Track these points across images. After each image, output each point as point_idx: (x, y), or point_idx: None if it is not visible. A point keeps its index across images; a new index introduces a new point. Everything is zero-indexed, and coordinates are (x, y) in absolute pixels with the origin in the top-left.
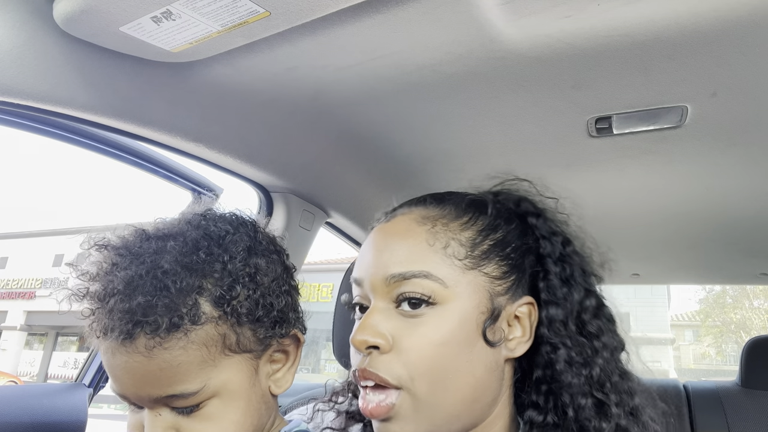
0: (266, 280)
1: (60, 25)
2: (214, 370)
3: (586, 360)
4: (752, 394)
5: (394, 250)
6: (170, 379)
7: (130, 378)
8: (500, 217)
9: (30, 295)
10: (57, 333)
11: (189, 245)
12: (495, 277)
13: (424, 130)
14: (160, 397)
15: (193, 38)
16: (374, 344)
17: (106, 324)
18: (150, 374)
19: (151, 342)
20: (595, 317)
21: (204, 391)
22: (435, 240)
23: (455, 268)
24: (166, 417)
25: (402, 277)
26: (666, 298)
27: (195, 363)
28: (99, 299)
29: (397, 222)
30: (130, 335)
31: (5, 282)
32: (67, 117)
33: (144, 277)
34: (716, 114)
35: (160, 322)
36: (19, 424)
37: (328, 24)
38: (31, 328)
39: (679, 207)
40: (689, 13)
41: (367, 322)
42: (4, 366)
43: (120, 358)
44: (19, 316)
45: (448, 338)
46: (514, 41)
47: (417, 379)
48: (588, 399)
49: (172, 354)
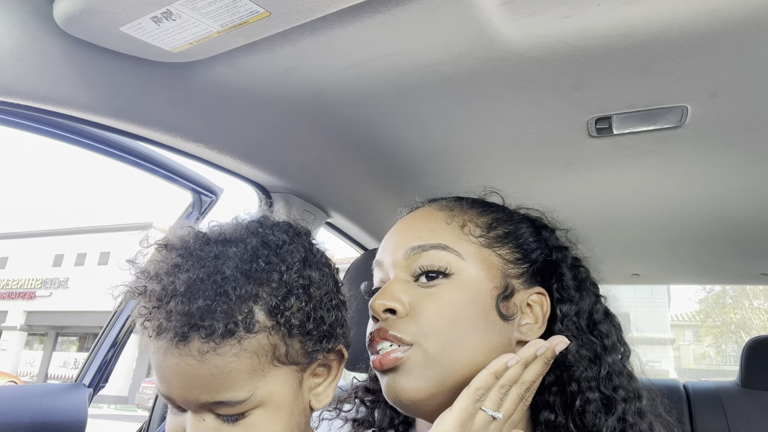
0: (319, 293)
1: (60, 25)
2: (262, 380)
3: (595, 356)
4: (752, 394)
5: (415, 229)
6: (220, 385)
7: (179, 381)
8: (514, 215)
9: (30, 295)
10: (57, 333)
11: (249, 252)
12: (508, 260)
13: (424, 130)
14: (207, 403)
15: (193, 38)
16: (391, 307)
17: (162, 324)
18: (200, 379)
19: (204, 346)
20: (604, 321)
21: (251, 400)
22: (452, 220)
23: (470, 244)
24: (210, 423)
25: (421, 249)
26: (666, 299)
27: (245, 371)
28: (158, 299)
29: (418, 211)
30: (184, 337)
31: (5, 282)
32: (68, 117)
33: (205, 281)
34: (716, 114)
35: (216, 327)
36: (19, 424)
37: (328, 24)
38: (31, 328)
39: (679, 207)
40: (689, 14)
41: (386, 289)
42: (4, 366)
43: (171, 360)
44: (19, 316)
45: (464, 305)
46: (514, 41)
47: (431, 336)
48: (595, 393)
49: (224, 360)
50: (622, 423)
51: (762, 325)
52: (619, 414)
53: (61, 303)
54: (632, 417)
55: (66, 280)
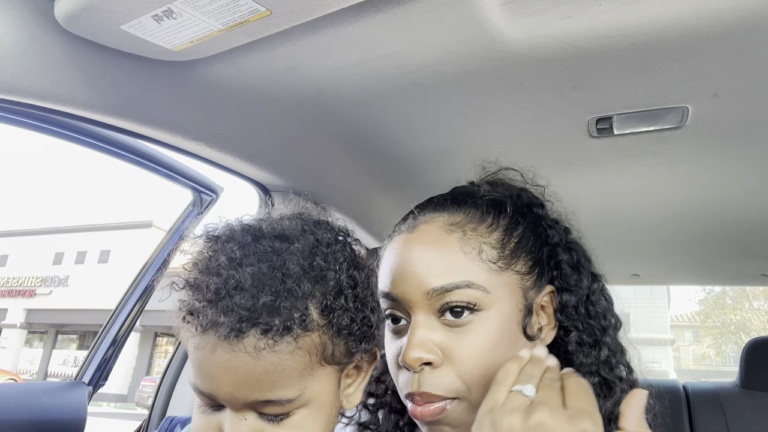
0: (364, 294)
1: (61, 23)
2: (310, 379)
3: (595, 341)
4: (752, 395)
5: (430, 263)
6: (273, 383)
7: (229, 377)
8: (518, 213)
9: (30, 293)
10: (57, 331)
11: (308, 249)
12: (524, 273)
13: (425, 129)
14: (257, 401)
15: (194, 37)
16: (428, 361)
17: (214, 318)
18: (253, 376)
19: (261, 343)
20: (601, 298)
21: (299, 399)
22: (469, 247)
23: (492, 272)
24: (252, 422)
25: (444, 290)
26: (666, 299)
27: (298, 369)
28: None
29: (423, 231)
30: (240, 333)
31: (5, 280)
32: (68, 115)
33: (269, 276)
34: (717, 115)
35: (274, 323)
36: (19, 421)
37: (329, 23)
38: (31, 326)
39: (679, 208)
40: (691, 14)
41: (416, 338)
42: (4, 364)
43: (222, 356)
44: (19, 313)
45: (497, 341)
46: (515, 41)
47: (473, 387)
48: (595, 377)
49: (279, 358)
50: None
51: (762, 326)
52: (617, 397)
53: (61, 301)
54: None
55: (66, 278)
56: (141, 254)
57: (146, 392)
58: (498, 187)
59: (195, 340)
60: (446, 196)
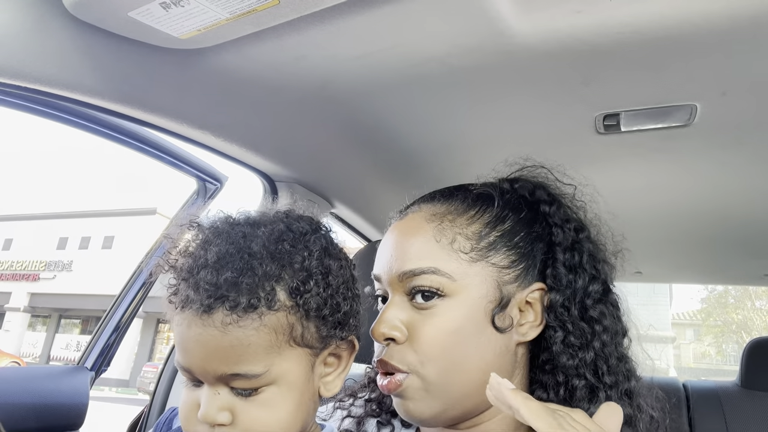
0: (336, 282)
1: (68, 9)
2: (278, 358)
3: (582, 344)
4: (752, 395)
5: (405, 248)
6: (239, 357)
7: (201, 351)
8: (508, 207)
9: (34, 277)
10: (60, 315)
11: (275, 235)
12: (503, 266)
13: (431, 122)
14: (225, 375)
15: (201, 25)
16: (391, 336)
17: (189, 296)
18: (221, 350)
19: (227, 318)
20: (598, 302)
21: (266, 375)
22: (442, 236)
23: (462, 261)
24: (224, 397)
25: (412, 273)
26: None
27: (263, 346)
28: (188, 271)
29: (408, 220)
30: (209, 309)
31: (9, 263)
32: (74, 101)
33: (234, 256)
34: (726, 113)
35: (240, 300)
36: (22, 405)
37: (337, 13)
38: (34, 310)
39: (684, 206)
40: (701, 11)
41: (384, 316)
42: (7, 347)
43: (195, 331)
44: (23, 297)
45: (458, 327)
46: (524, 35)
47: (427, 364)
48: (581, 380)
49: (245, 333)
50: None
51: (764, 325)
52: (601, 401)
53: (65, 286)
54: (618, 400)
55: (70, 263)
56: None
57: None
58: (516, 182)
59: (176, 318)
60: (443, 190)
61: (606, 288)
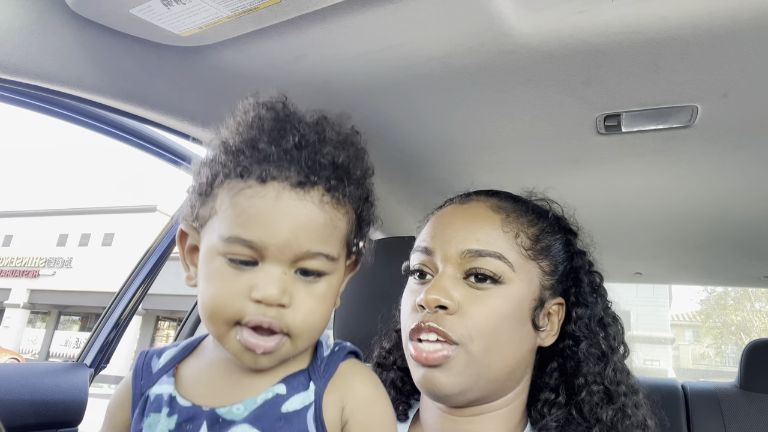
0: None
1: (70, 6)
2: (344, 251)
3: (602, 354)
4: (750, 397)
5: (471, 230)
6: (327, 236)
7: (291, 224)
8: (554, 225)
9: (34, 274)
10: (59, 312)
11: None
12: (546, 272)
13: (432, 121)
14: (309, 252)
15: (202, 22)
16: (444, 304)
17: (282, 167)
18: (314, 225)
19: (326, 197)
20: (613, 324)
21: (336, 263)
22: (508, 228)
23: (521, 255)
24: (291, 278)
25: (478, 253)
26: (667, 298)
27: (344, 233)
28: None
29: (473, 205)
30: (312, 184)
31: (9, 260)
32: (75, 98)
33: (346, 144)
34: (726, 115)
35: (342, 184)
36: (21, 401)
37: (339, 12)
38: (34, 307)
39: (684, 207)
40: (703, 13)
41: (439, 284)
42: (7, 343)
43: (287, 203)
44: (23, 294)
45: (508, 313)
46: (525, 35)
47: (476, 339)
48: (600, 386)
49: (337, 215)
50: (621, 413)
51: (763, 327)
52: (618, 406)
53: (65, 282)
54: (630, 409)
55: (70, 259)
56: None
57: None
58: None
59: (250, 191)
60: (500, 191)
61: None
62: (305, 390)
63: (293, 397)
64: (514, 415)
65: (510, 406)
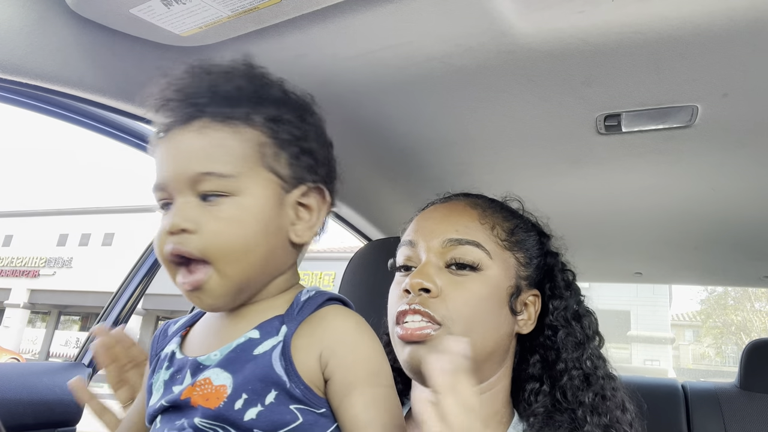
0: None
1: (70, 6)
2: (247, 170)
3: (579, 342)
4: (751, 397)
5: (451, 222)
6: (212, 155)
7: (177, 154)
8: (528, 223)
9: (34, 274)
10: (59, 312)
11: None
12: (521, 263)
13: (432, 121)
14: (197, 174)
15: (202, 22)
16: (427, 287)
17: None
18: (196, 149)
19: (207, 123)
20: (586, 315)
21: (235, 180)
22: (485, 220)
23: (497, 245)
24: (192, 205)
25: (457, 242)
26: (667, 298)
27: (236, 150)
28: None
29: (452, 204)
30: (192, 117)
31: (10, 260)
32: (75, 98)
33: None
34: (727, 115)
35: (222, 111)
36: (20, 401)
37: (339, 12)
38: (34, 307)
39: (684, 207)
40: (703, 12)
41: (423, 269)
42: (7, 343)
43: (174, 140)
44: (23, 294)
45: (486, 297)
46: (525, 35)
47: (457, 321)
48: (579, 371)
49: (221, 135)
50: (600, 397)
51: (763, 327)
52: (597, 389)
53: (65, 282)
54: (609, 392)
55: (70, 259)
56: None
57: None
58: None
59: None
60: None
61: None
62: (277, 334)
63: (266, 341)
64: (495, 401)
65: (492, 391)
